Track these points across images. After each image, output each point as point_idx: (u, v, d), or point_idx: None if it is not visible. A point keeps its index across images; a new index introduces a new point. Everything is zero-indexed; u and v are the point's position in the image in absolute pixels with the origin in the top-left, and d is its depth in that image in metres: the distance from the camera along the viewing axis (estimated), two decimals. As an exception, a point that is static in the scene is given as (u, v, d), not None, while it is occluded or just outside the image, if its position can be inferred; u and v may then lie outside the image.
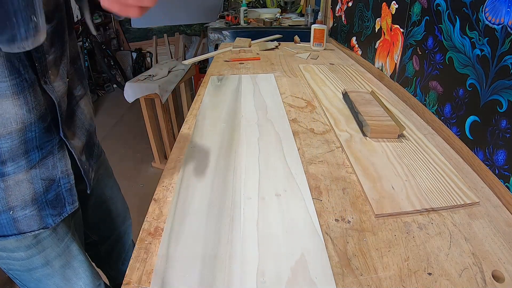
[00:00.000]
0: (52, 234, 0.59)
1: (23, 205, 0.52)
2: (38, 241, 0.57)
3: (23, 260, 0.58)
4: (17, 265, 0.59)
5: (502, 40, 0.54)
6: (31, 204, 0.53)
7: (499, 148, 0.55)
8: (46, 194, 0.54)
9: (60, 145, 0.54)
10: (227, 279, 0.37)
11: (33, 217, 0.53)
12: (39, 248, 0.58)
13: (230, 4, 3.04)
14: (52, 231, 0.59)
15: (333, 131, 0.72)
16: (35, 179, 0.52)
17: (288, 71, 1.14)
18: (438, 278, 0.39)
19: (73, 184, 0.58)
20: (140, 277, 0.39)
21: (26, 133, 0.48)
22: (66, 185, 0.57)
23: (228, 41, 2.32)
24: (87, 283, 0.70)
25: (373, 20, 1.12)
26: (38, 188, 0.53)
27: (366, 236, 0.45)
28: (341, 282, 0.38)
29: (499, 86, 0.55)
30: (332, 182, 0.55)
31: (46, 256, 0.60)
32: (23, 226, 0.53)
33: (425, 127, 0.77)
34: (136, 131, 2.56)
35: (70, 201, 0.58)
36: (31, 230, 0.54)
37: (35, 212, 0.54)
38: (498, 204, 0.52)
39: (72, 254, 0.65)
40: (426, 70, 0.80)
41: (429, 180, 0.55)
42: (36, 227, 0.54)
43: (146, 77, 1.94)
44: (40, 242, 0.58)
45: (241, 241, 0.43)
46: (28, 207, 0.52)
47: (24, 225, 0.53)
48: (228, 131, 0.70)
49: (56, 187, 0.55)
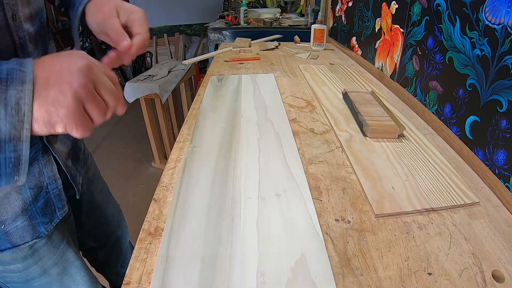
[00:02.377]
0: (47, 243, 0.58)
1: (14, 217, 0.51)
2: (34, 251, 0.56)
3: (20, 271, 0.57)
4: (14, 277, 0.58)
5: (502, 40, 0.54)
6: (22, 215, 0.51)
7: (499, 148, 0.55)
8: (36, 203, 0.53)
9: (44, 150, 0.53)
10: (227, 279, 0.37)
11: (24, 228, 0.52)
12: (35, 258, 0.57)
13: (230, 4, 3.04)
14: (48, 239, 0.58)
15: (333, 131, 0.72)
16: (23, 189, 0.51)
17: (288, 71, 1.14)
18: (438, 278, 0.39)
19: (61, 189, 0.57)
20: (140, 277, 0.39)
21: None
22: (54, 191, 0.56)
23: (228, 41, 2.32)
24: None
25: (373, 20, 1.12)
26: (27, 197, 0.52)
27: (366, 236, 0.45)
28: (341, 282, 0.38)
29: (499, 86, 0.55)
30: (332, 182, 0.55)
31: (43, 265, 0.59)
32: (16, 239, 0.52)
33: (425, 127, 0.77)
34: (136, 131, 2.56)
35: (60, 205, 0.57)
36: (25, 242, 0.53)
37: (27, 222, 0.52)
38: (498, 204, 0.52)
39: (68, 261, 0.64)
40: (426, 70, 0.80)
41: (429, 180, 0.55)
42: (29, 238, 0.53)
43: (146, 77, 1.94)
44: (36, 252, 0.57)
45: (241, 241, 0.43)
46: (19, 218, 0.51)
47: (16, 237, 0.52)
48: (228, 131, 0.70)
49: (44, 194, 0.54)
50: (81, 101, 0.35)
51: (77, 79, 0.35)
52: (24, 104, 0.33)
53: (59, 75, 0.35)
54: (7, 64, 0.34)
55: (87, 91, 0.35)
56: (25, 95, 0.33)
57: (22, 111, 0.33)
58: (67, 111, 0.34)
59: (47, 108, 0.34)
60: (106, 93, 0.38)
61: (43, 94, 0.34)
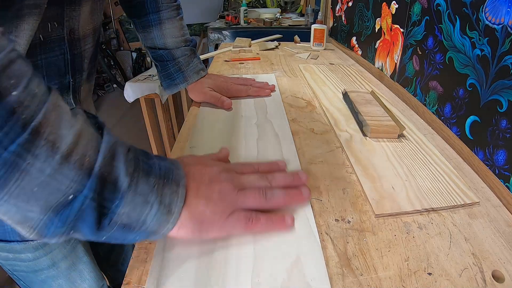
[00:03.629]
0: None
1: None
2: (45, 243, 0.57)
3: (30, 261, 0.58)
4: (23, 266, 0.59)
5: (502, 40, 0.54)
6: None
7: (499, 148, 0.55)
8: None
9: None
10: (221, 279, 0.37)
11: None
12: (46, 249, 0.58)
13: (230, 4, 3.04)
14: None
15: (333, 131, 0.72)
16: None
17: (288, 71, 1.14)
18: (438, 278, 0.39)
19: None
20: (140, 277, 0.39)
21: None
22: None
23: (228, 41, 2.33)
24: (91, 284, 0.70)
25: (373, 20, 1.12)
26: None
27: (366, 236, 0.45)
28: (341, 282, 0.38)
29: (499, 86, 0.55)
30: (332, 182, 0.55)
31: (53, 257, 0.60)
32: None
33: (425, 127, 0.77)
34: (136, 131, 2.56)
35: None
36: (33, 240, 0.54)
37: None
38: (498, 204, 0.52)
39: (78, 256, 0.65)
40: (426, 70, 0.80)
41: (429, 180, 0.55)
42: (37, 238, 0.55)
43: (146, 77, 1.94)
44: (48, 244, 0.58)
45: (237, 242, 0.42)
46: None
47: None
48: (228, 131, 0.70)
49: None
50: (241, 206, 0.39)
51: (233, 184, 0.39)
52: (176, 207, 0.34)
53: (207, 186, 0.37)
54: (164, 161, 0.35)
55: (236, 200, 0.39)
56: (178, 198, 0.34)
57: (172, 212, 0.33)
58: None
59: (195, 219, 0.36)
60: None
61: (194, 202, 0.35)
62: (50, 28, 0.42)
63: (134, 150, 0.33)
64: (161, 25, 0.76)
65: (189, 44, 0.81)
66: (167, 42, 0.77)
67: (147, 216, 0.31)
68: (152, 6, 0.73)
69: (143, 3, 0.73)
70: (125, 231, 0.31)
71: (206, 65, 3.10)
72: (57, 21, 0.43)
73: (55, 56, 0.43)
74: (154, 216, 0.32)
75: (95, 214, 0.28)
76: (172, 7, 0.77)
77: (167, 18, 0.76)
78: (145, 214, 0.31)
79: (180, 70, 0.80)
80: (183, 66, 0.80)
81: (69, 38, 0.46)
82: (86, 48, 0.51)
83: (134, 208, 0.30)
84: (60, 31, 0.44)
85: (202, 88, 0.81)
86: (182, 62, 0.80)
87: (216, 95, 0.80)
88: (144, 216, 0.31)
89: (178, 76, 0.80)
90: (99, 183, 0.27)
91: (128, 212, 0.30)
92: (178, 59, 0.79)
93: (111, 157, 0.29)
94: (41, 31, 0.42)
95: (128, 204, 0.29)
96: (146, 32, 0.77)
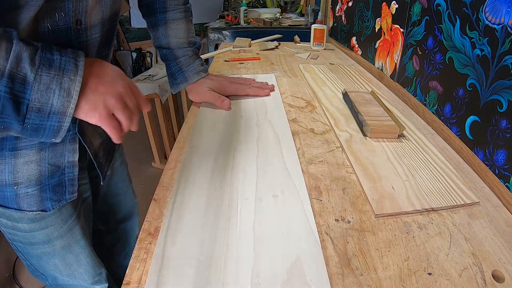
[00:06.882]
0: (56, 213, 0.61)
1: (28, 183, 0.55)
2: (42, 217, 0.59)
3: (26, 232, 0.60)
4: (20, 236, 0.61)
5: (502, 40, 0.54)
6: (35, 184, 0.55)
7: (499, 148, 0.55)
8: (50, 179, 0.57)
9: (73, 138, 0.57)
10: (222, 279, 0.37)
11: (34, 197, 0.56)
12: (42, 224, 0.60)
13: (230, 4, 3.04)
14: (57, 210, 0.61)
15: (333, 131, 0.72)
16: (43, 162, 0.55)
17: (288, 71, 1.14)
18: (438, 278, 0.39)
19: (76, 176, 0.60)
20: (140, 277, 0.39)
21: None
22: (69, 175, 0.59)
23: (228, 41, 2.33)
24: (88, 270, 0.70)
25: (373, 20, 1.12)
26: (44, 171, 0.55)
27: (366, 236, 0.45)
28: (341, 282, 0.38)
29: (499, 86, 0.55)
30: (332, 182, 0.55)
31: (49, 234, 0.62)
32: (23, 204, 0.56)
33: (425, 127, 0.77)
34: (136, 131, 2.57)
35: (71, 190, 0.60)
36: (30, 210, 0.56)
37: (37, 193, 0.56)
38: (498, 204, 0.52)
39: (74, 238, 0.66)
40: (426, 70, 0.80)
41: (429, 180, 0.55)
42: (35, 208, 0.57)
43: (146, 77, 1.94)
44: (44, 219, 0.60)
45: (237, 242, 0.43)
46: (31, 186, 0.55)
47: (24, 202, 0.56)
48: (228, 131, 0.70)
49: (60, 174, 0.58)
50: (113, 110, 0.46)
51: (117, 96, 0.46)
52: (74, 90, 0.42)
53: (106, 86, 0.45)
54: (65, 56, 0.42)
55: (122, 105, 0.46)
56: (75, 84, 0.42)
57: (71, 95, 0.42)
58: (100, 116, 0.45)
59: (91, 105, 0.44)
60: (132, 104, 0.49)
61: (90, 95, 0.44)
62: (58, 18, 0.47)
63: (42, 49, 0.41)
64: (167, 25, 0.79)
65: (192, 46, 0.84)
66: (170, 42, 0.80)
67: (52, 99, 0.41)
68: (160, 6, 0.78)
69: (152, 3, 0.78)
70: (40, 115, 0.41)
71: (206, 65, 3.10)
72: (64, 12, 0.47)
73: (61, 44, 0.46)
74: (57, 99, 0.41)
75: (11, 102, 0.39)
76: (179, 9, 0.79)
77: (173, 19, 0.79)
78: (51, 98, 0.41)
79: (181, 70, 0.82)
80: (183, 66, 0.81)
81: (75, 28, 0.49)
82: (93, 37, 0.53)
83: (42, 95, 0.40)
84: (67, 21, 0.48)
85: (201, 88, 0.82)
86: (183, 62, 0.81)
87: (214, 95, 0.81)
88: (50, 99, 0.41)
89: (179, 75, 0.82)
90: (9, 81, 0.38)
91: (38, 98, 0.40)
92: (179, 59, 0.81)
93: (17, 61, 0.38)
94: (49, 21, 0.46)
95: (36, 92, 0.40)
96: (154, 31, 0.81)
